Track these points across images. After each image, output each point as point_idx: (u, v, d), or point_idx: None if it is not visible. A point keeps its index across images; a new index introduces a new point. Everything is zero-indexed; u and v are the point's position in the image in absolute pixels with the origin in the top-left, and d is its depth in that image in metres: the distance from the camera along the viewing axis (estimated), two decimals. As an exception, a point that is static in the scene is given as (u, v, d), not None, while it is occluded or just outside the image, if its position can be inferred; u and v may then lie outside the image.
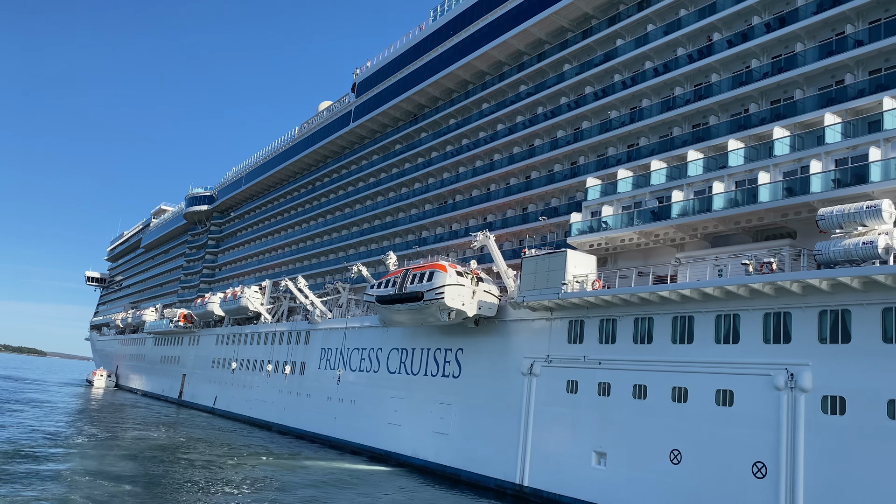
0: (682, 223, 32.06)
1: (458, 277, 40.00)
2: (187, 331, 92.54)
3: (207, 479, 35.20)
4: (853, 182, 25.93)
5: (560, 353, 36.13)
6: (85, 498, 27.77)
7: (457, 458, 41.27)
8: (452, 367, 43.77)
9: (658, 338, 31.29)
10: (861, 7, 29.46)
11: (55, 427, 52.37)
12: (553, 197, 44.08)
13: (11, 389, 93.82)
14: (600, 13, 43.73)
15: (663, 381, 30.44)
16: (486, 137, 51.49)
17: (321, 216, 76.29)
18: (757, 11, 34.12)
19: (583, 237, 36.92)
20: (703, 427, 28.40)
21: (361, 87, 69.30)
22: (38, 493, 27.65)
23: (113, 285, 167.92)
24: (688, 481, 28.43)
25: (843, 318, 24.86)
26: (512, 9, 48.47)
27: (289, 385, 63.49)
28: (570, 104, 43.86)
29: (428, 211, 56.65)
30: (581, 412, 34.06)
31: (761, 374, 26.75)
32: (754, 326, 27.56)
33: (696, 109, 35.41)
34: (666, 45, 38.19)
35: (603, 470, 32.24)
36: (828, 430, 24.44)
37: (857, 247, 23.13)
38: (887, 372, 23.16)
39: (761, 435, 26.24)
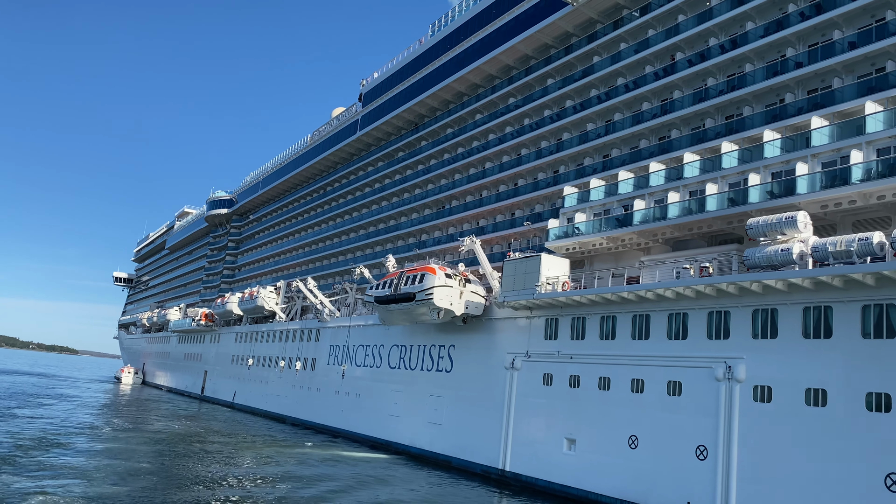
0: (643, 229, 35.10)
1: (446, 279, 43.36)
2: (209, 329, 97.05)
3: (219, 463, 38.99)
4: (784, 194, 28.82)
5: (538, 348, 39.32)
6: (106, 476, 31.62)
7: (448, 446, 44.67)
8: (445, 363, 47.15)
9: (620, 334, 34.36)
10: (802, 32, 32.19)
11: (83, 418, 56.73)
12: (537, 203, 47.22)
13: (43, 386, 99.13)
14: (580, 31, 46.72)
15: (624, 374, 33.53)
16: (478, 147, 54.76)
17: (331, 220, 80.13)
18: (714, 34, 36.94)
19: (559, 242, 40.08)
20: (657, 415, 31.45)
21: (367, 97, 72.90)
22: (63, 473, 31.52)
23: (140, 285, 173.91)
24: (643, 464, 31.51)
25: (772, 317, 27.78)
26: (501, 26, 51.65)
27: (300, 380, 67.40)
28: (553, 116, 46.94)
29: (427, 215, 60.08)
30: (555, 403, 37.24)
31: (704, 367, 29.75)
32: (700, 324, 30.54)
33: (660, 123, 38.34)
34: (637, 63, 41.11)
35: (573, 455, 35.40)
36: (757, 415, 27.40)
37: (776, 253, 26.08)
38: (805, 364, 26.07)
39: (703, 421, 29.25)
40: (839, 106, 29.08)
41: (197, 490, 30.41)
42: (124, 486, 29.71)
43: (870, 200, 26.59)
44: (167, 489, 29.89)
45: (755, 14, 34.83)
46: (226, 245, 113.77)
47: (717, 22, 36.23)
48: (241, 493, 30.76)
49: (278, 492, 31.65)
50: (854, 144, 27.15)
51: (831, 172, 27.52)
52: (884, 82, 28.19)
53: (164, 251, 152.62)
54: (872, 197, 26.43)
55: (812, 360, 25.96)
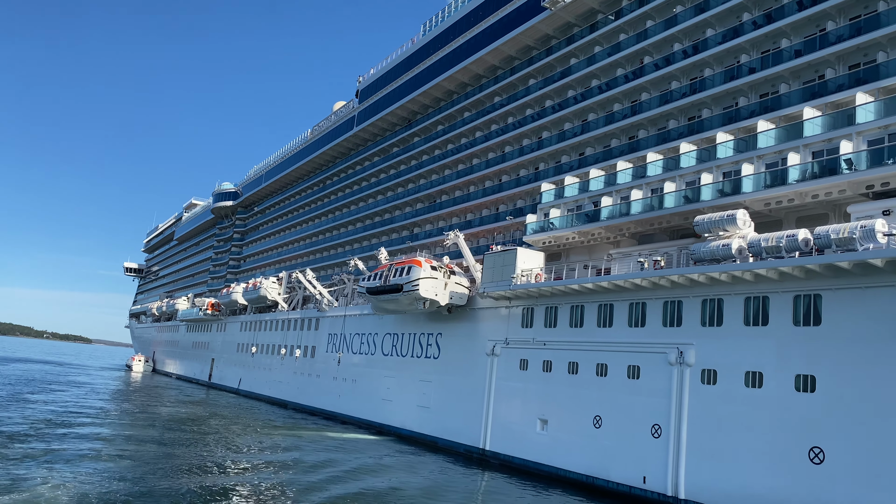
0: (610, 224, 37.53)
1: (431, 271, 45.96)
2: (215, 318, 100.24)
3: (221, 443, 41.93)
4: (732, 192, 31.16)
5: (515, 336, 41.91)
6: (114, 453, 34.59)
7: (435, 427, 47.45)
8: (433, 350, 49.85)
9: (587, 323, 36.88)
10: (755, 39, 34.36)
11: (93, 403, 59.91)
12: (519, 198, 49.64)
13: (56, 373, 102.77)
14: (559, 34, 48.93)
15: (590, 359, 36.07)
16: (466, 143, 57.19)
17: (330, 212, 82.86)
18: (679, 39, 39.12)
19: (536, 236, 42.55)
20: (618, 397, 34.00)
21: (364, 93, 75.33)
22: (70, 451, 34.45)
23: (150, 275, 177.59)
24: (606, 442, 34.10)
25: (718, 306, 30.20)
26: (486, 28, 53.90)
27: (301, 367, 70.38)
28: (534, 116, 49.28)
29: (419, 209, 62.65)
30: (530, 386, 39.86)
31: (660, 353, 32.23)
32: (656, 313, 32.99)
33: (630, 123, 40.65)
34: (609, 66, 43.35)
35: (545, 435, 38.06)
36: (704, 396, 29.89)
37: (718, 248, 28.49)
38: (745, 349, 28.52)
39: (658, 402, 31.77)
40: (785, 110, 31.31)
41: (194, 467, 33.29)
42: (130, 462, 32.65)
43: (806, 199, 28.90)
44: (169, 466, 32.78)
45: (715, 21, 37.00)
46: (231, 236, 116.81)
47: (682, 28, 38.41)
48: (235, 470, 33.65)
49: (268, 472, 34.54)
50: (792, 147, 29.43)
51: (773, 173, 29.84)
52: (824, 88, 30.40)
53: (173, 242, 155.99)
54: (808, 196, 28.74)
55: (751, 346, 28.40)
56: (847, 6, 31.16)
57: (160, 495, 26.18)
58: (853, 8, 31.20)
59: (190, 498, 26.30)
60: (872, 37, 29.03)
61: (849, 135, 27.66)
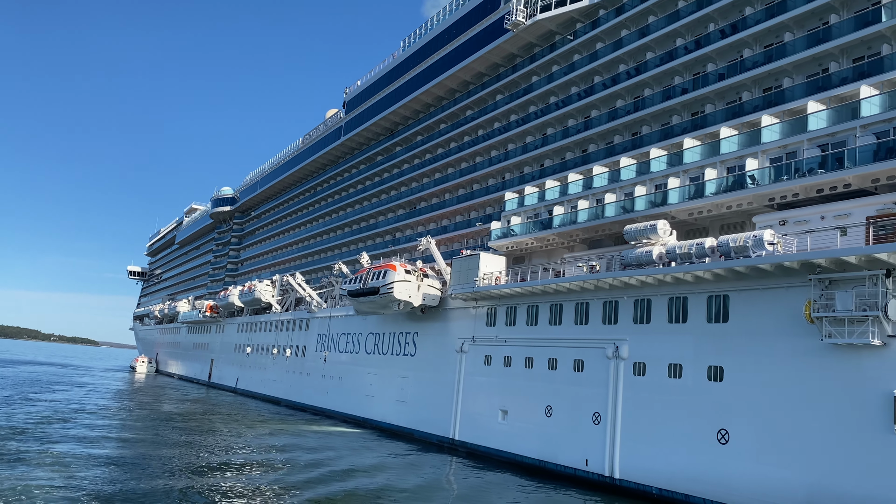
0: (562, 231, 41.13)
1: (405, 275, 49.60)
2: (214, 320, 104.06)
3: (211, 436, 45.67)
4: (660, 203, 34.74)
5: (481, 334, 45.51)
6: (114, 443, 38.34)
7: (412, 420, 51.13)
8: (410, 348, 53.51)
9: (541, 321, 40.48)
10: (688, 63, 37.86)
11: (96, 401, 63.74)
12: (488, 206, 53.27)
13: (61, 374, 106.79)
14: (523, 52, 52.46)
15: (543, 355, 39.68)
16: (442, 153, 60.82)
17: (320, 218, 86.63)
18: (623, 60, 42.66)
19: (499, 241, 46.19)
20: (566, 388, 37.60)
21: (350, 104, 79.00)
22: (71, 442, 38.21)
23: (153, 278, 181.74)
24: (554, 429, 37.71)
25: (647, 306, 33.77)
26: (459, 46, 57.46)
27: (292, 366, 74.16)
28: (501, 129, 52.88)
29: (401, 215, 66.32)
30: (493, 380, 43.49)
31: (599, 348, 35.81)
32: (597, 312, 36.57)
33: (582, 138, 44.17)
34: (565, 84, 46.88)
35: (505, 424, 41.68)
36: (636, 386, 33.46)
37: (642, 254, 32.07)
38: (668, 344, 32.08)
39: (598, 392, 35.35)
40: (709, 128, 34.80)
41: (187, 458, 37.03)
42: (123, 456, 36.39)
43: (722, 209, 32.46)
44: (159, 460, 36.48)
45: (655, 45, 40.48)
46: (229, 240, 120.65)
47: (626, 50, 41.90)
48: (221, 461, 37.40)
49: (251, 463, 38.27)
50: (710, 163, 32.99)
51: (695, 186, 33.41)
52: (741, 109, 33.89)
53: (175, 246, 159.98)
54: (724, 207, 32.29)
55: (673, 341, 31.97)
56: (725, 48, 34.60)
57: (148, 491, 27.36)
58: (726, 17, 34.65)
59: (176, 485, 29.88)
60: (780, 63, 32.53)
61: (755, 153, 31.19)
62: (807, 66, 32.14)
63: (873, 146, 26.65)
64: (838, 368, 25.35)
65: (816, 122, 29.29)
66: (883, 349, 24.20)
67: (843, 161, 27.35)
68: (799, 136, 29.71)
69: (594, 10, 45.85)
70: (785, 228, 28.69)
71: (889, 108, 26.99)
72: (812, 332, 26.10)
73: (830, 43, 30.57)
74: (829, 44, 30.61)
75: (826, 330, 25.36)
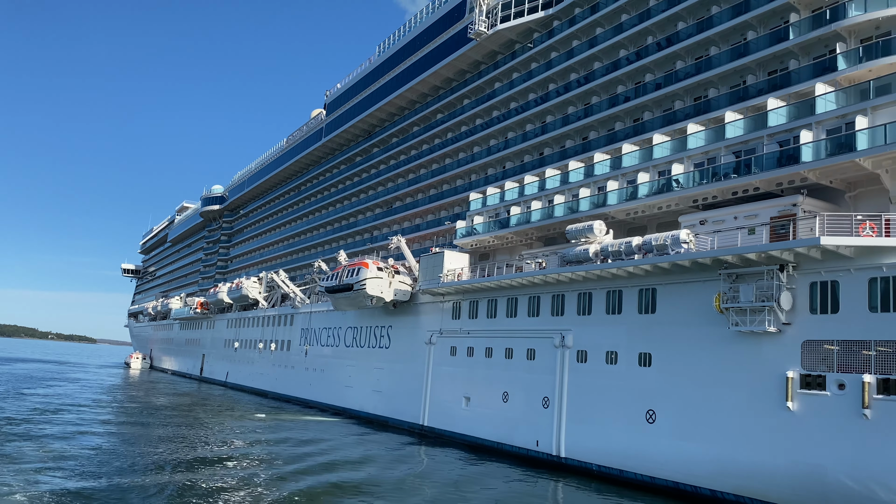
0: (518, 230, 44.16)
1: (377, 272, 52.62)
2: (205, 316, 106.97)
3: (196, 426, 48.71)
4: (601, 204, 37.78)
5: (447, 326, 48.56)
6: (102, 430, 41.31)
7: (387, 408, 54.25)
8: (385, 341, 56.56)
9: (499, 314, 43.53)
10: (630, 73, 40.79)
11: (89, 395, 66.67)
12: (457, 206, 56.23)
13: (55, 371, 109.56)
14: (488, 59, 55.35)
15: (501, 345, 42.76)
16: (415, 155, 63.76)
17: (304, 216, 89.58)
18: (575, 69, 45.57)
19: (464, 239, 49.20)
20: (520, 375, 40.69)
21: (330, 106, 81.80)
22: (64, 431, 41.15)
23: (146, 276, 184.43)
24: (510, 413, 40.83)
25: (589, 299, 36.83)
26: (428, 53, 60.31)
27: (278, 359, 77.23)
28: (468, 132, 55.81)
29: (378, 214, 69.31)
30: (458, 369, 46.57)
31: (548, 338, 38.89)
32: (547, 305, 39.64)
33: (539, 142, 47.16)
34: (524, 91, 49.83)
35: (468, 410, 44.79)
36: (579, 373, 36.56)
37: (580, 252, 35.14)
38: (606, 334, 35.16)
39: (547, 379, 38.44)
40: (647, 134, 37.79)
41: (172, 448, 40.07)
42: (114, 441, 39.41)
43: (654, 210, 35.52)
44: (147, 447, 39.53)
45: (602, 55, 43.41)
46: (219, 238, 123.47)
47: (577, 59, 44.83)
48: (207, 448, 40.46)
49: (234, 450, 41.36)
50: (643, 167, 36.01)
51: (631, 188, 36.43)
52: (673, 117, 36.89)
53: (167, 244, 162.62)
54: (655, 207, 35.34)
55: (610, 331, 35.06)
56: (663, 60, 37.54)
57: (133, 482, 27.72)
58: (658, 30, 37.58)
59: (160, 476, 32.66)
60: (707, 75, 35.51)
61: (682, 158, 34.20)
62: (730, 77, 35.13)
63: (777, 153, 29.68)
64: (743, 353, 28.46)
65: (733, 131, 32.30)
66: (778, 335, 27.31)
67: (752, 167, 30.38)
68: (718, 143, 32.72)
69: (549, 20, 48.73)
70: (705, 227, 31.74)
71: (793, 118, 30.00)
72: (722, 322, 29.18)
73: (748, 57, 33.54)
74: (747, 58, 33.57)
75: (732, 319, 28.45)
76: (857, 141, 26.63)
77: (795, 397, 26.42)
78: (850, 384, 24.93)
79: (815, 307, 26.61)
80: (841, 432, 24.88)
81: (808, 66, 30.95)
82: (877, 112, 26.99)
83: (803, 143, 28.51)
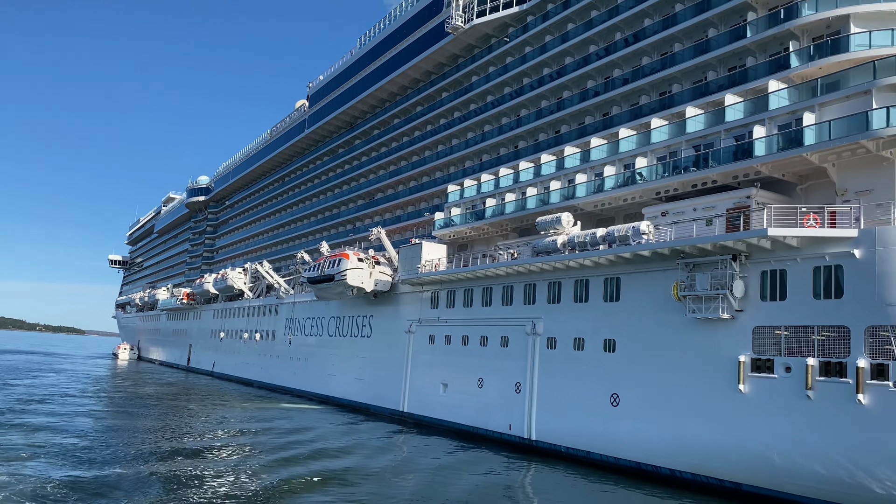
0: (493, 221, 45.42)
1: (358, 262, 53.78)
2: (191, 307, 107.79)
3: (182, 416, 49.85)
4: (571, 197, 39.07)
5: (426, 316, 49.84)
6: (88, 420, 42.39)
7: (369, 395, 55.57)
8: (367, 330, 57.81)
9: (475, 303, 44.83)
10: (600, 68, 41.96)
11: (76, 385, 67.58)
12: (436, 197, 57.40)
13: (43, 362, 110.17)
14: (465, 53, 56.37)
15: (476, 333, 44.09)
16: (396, 147, 64.80)
17: (288, 208, 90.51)
18: (548, 64, 46.71)
19: (442, 230, 50.43)
20: (494, 362, 42.05)
21: (313, 98, 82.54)
22: (49, 419, 42.19)
23: (134, 267, 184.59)
24: (485, 399, 42.22)
25: (558, 287, 38.18)
26: (408, 46, 61.21)
27: (263, 349, 78.37)
28: (446, 124, 56.90)
29: (360, 205, 70.38)
30: (436, 357, 47.90)
31: (520, 325, 40.25)
32: (519, 294, 40.97)
33: (514, 135, 48.33)
34: (499, 84, 50.92)
35: (446, 396, 46.17)
36: (548, 359, 37.95)
37: (549, 243, 36.45)
38: (574, 321, 36.53)
39: (519, 365, 39.81)
40: (615, 128, 39.01)
41: (157, 437, 41.21)
42: (100, 429, 40.51)
43: (620, 202, 36.86)
44: (133, 436, 40.65)
45: (574, 50, 44.57)
46: (205, 229, 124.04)
47: (550, 54, 45.97)
48: (192, 435, 41.64)
49: (217, 438, 42.55)
50: (610, 161, 37.31)
51: (598, 181, 37.73)
52: (638, 112, 38.15)
53: (154, 235, 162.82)
54: (621, 199, 36.68)
55: (578, 318, 36.44)
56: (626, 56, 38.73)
57: (116, 473, 27.90)
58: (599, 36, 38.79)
59: (144, 466, 33.76)
60: (671, 71, 36.75)
61: (645, 152, 35.50)
62: (693, 73, 36.39)
63: (733, 148, 31.02)
64: (699, 339, 29.89)
65: (694, 125, 33.59)
66: (731, 322, 28.75)
67: (709, 160, 31.72)
68: (680, 137, 34.02)
69: (524, 16, 49.79)
70: (666, 219, 33.10)
71: (749, 114, 31.32)
72: (680, 309, 30.58)
73: (709, 54, 34.80)
74: (708, 55, 34.83)
75: (689, 307, 29.86)
76: (805, 136, 27.99)
77: (746, 380, 27.89)
78: (796, 367, 26.40)
79: (765, 295, 28.04)
80: (786, 412, 26.37)
81: (765, 63, 32.25)
82: (824, 108, 28.35)
83: (756, 137, 29.85)
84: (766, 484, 26.84)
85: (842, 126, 26.89)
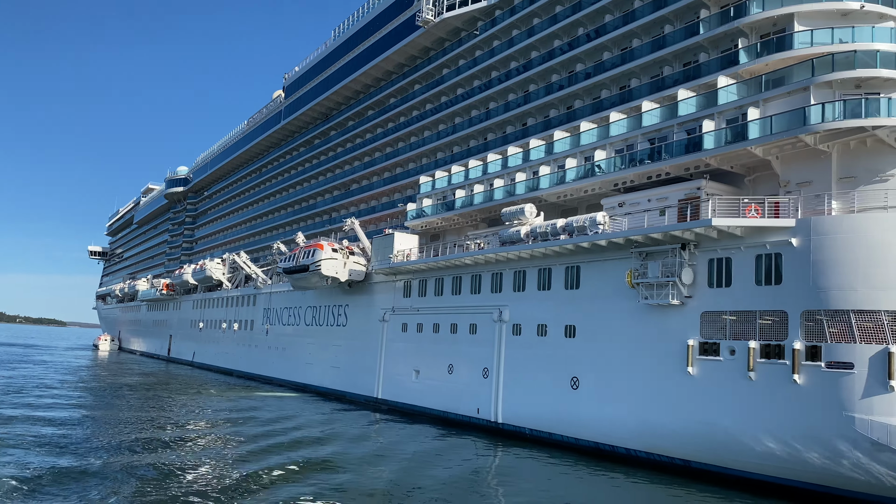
0: (462, 212, 46.61)
1: (332, 253, 54.79)
2: (171, 298, 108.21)
3: (167, 404, 50.76)
4: (535, 188, 40.34)
5: (399, 304, 51.03)
6: (67, 410, 43.22)
7: (344, 383, 56.79)
8: (342, 319, 58.92)
9: (445, 291, 46.09)
10: (564, 62, 43.12)
11: (56, 376, 68.12)
12: (409, 188, 58.45)
13: (22, 354, 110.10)
14: (437, 46, 57.26)
15: (447, 321, 45.38)
16: (370, 138, 65.66)
17: (265, 198, 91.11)
18: (515, 58, 47.78)
19: (414, 221, 51.54)
20: (464, 349, 43.38)
21: (289, 89, 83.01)
22: (28, 409, 42.95)
23: (114, 258, 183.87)
24: (454, 384, 43.59)
25: (523, 276, 39.51)
26: (380, 38, 62.00)
27: (241, 339, 79.23)
28: (418, 116, 57.86)
29: (336, 196, 71.24)
30: (408, 345, 49.15)
31: (488, 313, 41.57)
32: (487, 282, 42.26)
33: (483, 127, 49.45)
34: (469, 77, 51.95)
35: (418, 382, 47.50)
36: (514, 344, 39.33)
37: (513, 233, 37.74)
38: (537, 308, 37.90)
39: (487, 351, 41.17)
40: (577, 122, 40.26)
41: (135, 427, 42.13)
42: (77, 420, 41.37)
43: (581, 194, 38.18)
44: (111, 427, 41.52)
45: (539, 45, 45.67)
46: (184, 220, 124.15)
47: (517, 48, 47.04)
48: (172, 423, 42.62)
49: (198, 426, 43.55)
50: (571, 153, 38.59)
51: (560, 173, 39.01)
52: (599, 106, 39.40)
53: (133, 226, 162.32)
54: (582, 191, 38.00)
55: (541, 306, 37.81)
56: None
57: (96, 463, 28.03)
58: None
59: (121, 456, 34.82)
60: (630, 66, 38.00)
61: (604, 145, 36.81)
62: (650, 68, 37.67)
63: (685, 141, 32.39)
64: (652, 324, 31.36)
65: (649, 119, 34.92)
66: (681, 308, 30.22)
67: (663, 153, 33.08)
68: (636, 130, 35.34)
69: (492, 10, 50.78)
70: (623, 209, 34.45)
71: (700, 108, 32.67)
72: (634, 296, 32.01)
73: (665, 49, 36.07)
74: (664, 50, 36.10)
75: (642, 293, 31.30)
76: (749, 130, 29.40)
77: (695, 363, 29.41)
78: (740, 350, 27.94)
79: (712, 282, 29.52)
80: (731, 393, 27.92)
81: (716, 59, 33.57)
82: (768, 104, 29.76)
83: (705, 131, 31.24)
84: (712, 460, 28.45)
85: (783, 121, 28.32)
